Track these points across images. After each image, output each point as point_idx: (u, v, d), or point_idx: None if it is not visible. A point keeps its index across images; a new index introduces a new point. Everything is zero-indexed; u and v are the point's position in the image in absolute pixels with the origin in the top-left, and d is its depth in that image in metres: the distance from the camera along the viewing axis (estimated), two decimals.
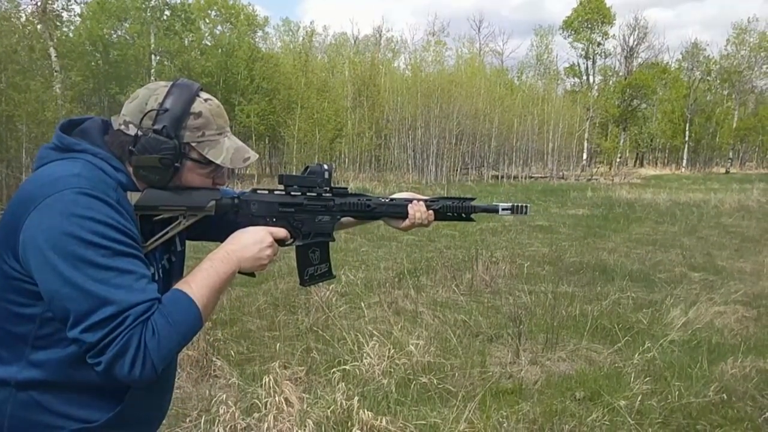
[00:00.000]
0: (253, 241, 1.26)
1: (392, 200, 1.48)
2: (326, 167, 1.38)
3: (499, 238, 9.81)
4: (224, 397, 3.04)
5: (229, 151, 1.23)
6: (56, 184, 1.06)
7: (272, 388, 3.02)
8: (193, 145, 1.21)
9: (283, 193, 1.38)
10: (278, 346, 4.02)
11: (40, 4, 18.21)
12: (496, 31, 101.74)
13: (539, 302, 5.35)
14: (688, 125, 45.27)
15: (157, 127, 1.16)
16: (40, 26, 18.18)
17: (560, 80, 50.24)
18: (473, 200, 1.52)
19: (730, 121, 46.24)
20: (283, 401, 2.95)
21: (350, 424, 2.86)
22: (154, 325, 1.03)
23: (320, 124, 26.00)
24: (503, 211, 1.52)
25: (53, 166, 1.13)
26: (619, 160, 45.64)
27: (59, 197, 1.04)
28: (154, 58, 23.87)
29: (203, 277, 1.15)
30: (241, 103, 25.70)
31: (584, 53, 50.41)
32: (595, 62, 51.00)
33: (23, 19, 18.34)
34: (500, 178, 30.73)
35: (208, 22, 32.55)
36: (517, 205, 1.52)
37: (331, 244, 1.45)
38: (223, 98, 21.86)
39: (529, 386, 3.64)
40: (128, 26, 23.58)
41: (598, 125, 44.14)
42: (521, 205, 1.52)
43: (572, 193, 19.66)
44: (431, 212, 1.49)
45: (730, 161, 46.83)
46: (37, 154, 1.19)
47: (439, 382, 3.53)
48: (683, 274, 6.95)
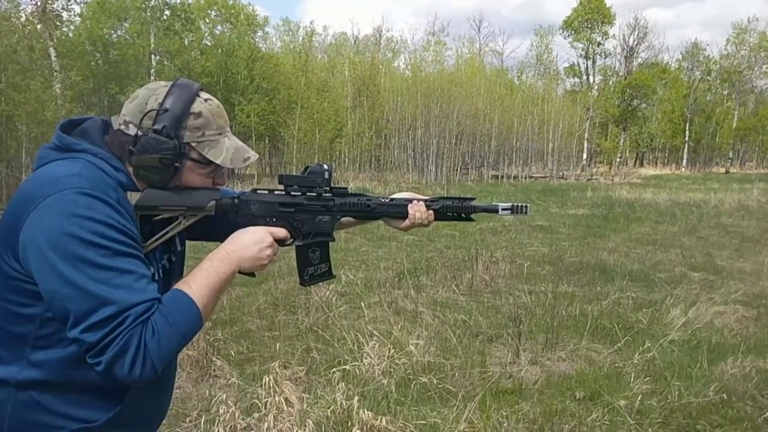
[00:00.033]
0: (253, 241, 1.26)
1: (392, 200, 1.48)
2: (326, 167, 1.38)
3: (499, 238, 9.81)
4: (224, 397, 3.04)
5: (229, 151, 1.23)
6: (56, 184, 1.06)
7: (272, 388, 3.02)
8: (193, 145, 1.21)
9: (283, 193, 1.37)
10: (278, 346, 4.03)
11: (40, 4, 18.21)
12: (496, 31, 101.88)
13: (539, 302, 5.35)
14: (688, 125, 45.27)
15: (157, 127, 1.16)
16: (39, 26, 18.17)
17: (560, 80, 50.29)
18: (473, 200, 1.52)
19: (730, 121, 46.24)
20: (283, 401, 2.95)
21: (350, 424, 2.86)
22: (154, 325, 1.03)
23: (320, 124, 26.00)
24: (503, 211, 1.52)
25: (53, 166, 1.13)
26: (619, 160, 45.64)
27: (59, 197, 1.04)
28: (154, 58, 23.86)
29: (203, 277, 1.15)
30: (241, 103, 25.71)
31: (584, 53, 50.43)
32: (595, 62, 51.05)
33: (23, 18, 18.37)
34: (500, 178, 30.73)
35: (208, 22, 32.52)
36: (517, 205, 1.52)
37: (331, 244, 1.45)
38: (223, 98, 21.86)
39: (529, 386, 3.64)
40: (128, 26, 23.57)
41: (598, 125, 44.15)
42: (521, 205, 1.52)
43: (572, 192, 19.66)
44: (431, 212, 1.49)
45: (730, 161, 46.82)
46: (37, 154, 1.19)
47: (439, 382, 3.54)
48: (683, 274, 6.95)
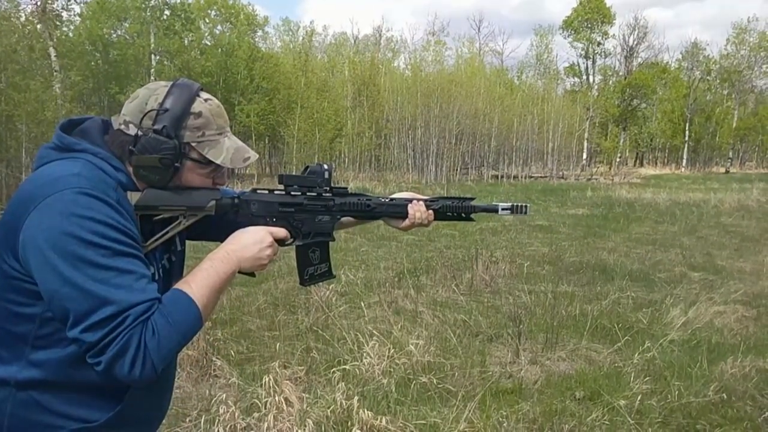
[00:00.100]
0: (253, 240, 1.26)
1: (392, 200, 1.48)
2: (326, 167, 1.38)
3: (499, 237, 9.81)
4: (224, 396, 3.04)
5: (229, 151, 1.23)
6: (56, 183, 1.06)
7: (272, 387, 3.02)
8: (193, 145, 1.21)
9: (283, 193, 1.37)
10: (278, 345, 4.03)
11: (39, 3, 18.20)
12: (496, 30, 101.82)
13: (539, 302, 5.35)
14: (687, 125, 45.26)
15: (157, 127, 1.16)
16: (39, 26, 18.16)
17: (560, 80, 50.29)
18: (473, 200, 1.53)
19: (729, 120, 46.22)
20: (283, 401, 2.95)
21: (350, 423, 2.86)
22: (154, 325, 1.03)
23: (320, 123, 26.00)
24: (503, 210, 1.52)
25: (53, 165, 1.13)
26: (618, 159, 45.63)
27: (59, 197, 1.04)
28: (153, 57, 23.86)
29: (203, 277, 1.15)
30: (241, 102, 25.72)
31: (584, 53, 50.43)
32: (595, 62, 51.03)
33: (23, 18, 18.36)
34: (500, 177, 30.72)
35: (207, 21, 32.52)
36: (516, 204, 1.52)
37: (331, 243, 1.45)
38: (223, 98, 21.86)
39: (528, 386, 3.64)
40: (128, 26, 23.55)
41: (598, 125, 44.15)
42: (521, 204, 1.52)
43: (572, 192, 19.65)
44: (431, 212, 1.49)
45: (729, 161, 46.80)
46: (36, 153, 1.19)
47: (439, 381, 3.54)
48: (683, 273, 6.96)
